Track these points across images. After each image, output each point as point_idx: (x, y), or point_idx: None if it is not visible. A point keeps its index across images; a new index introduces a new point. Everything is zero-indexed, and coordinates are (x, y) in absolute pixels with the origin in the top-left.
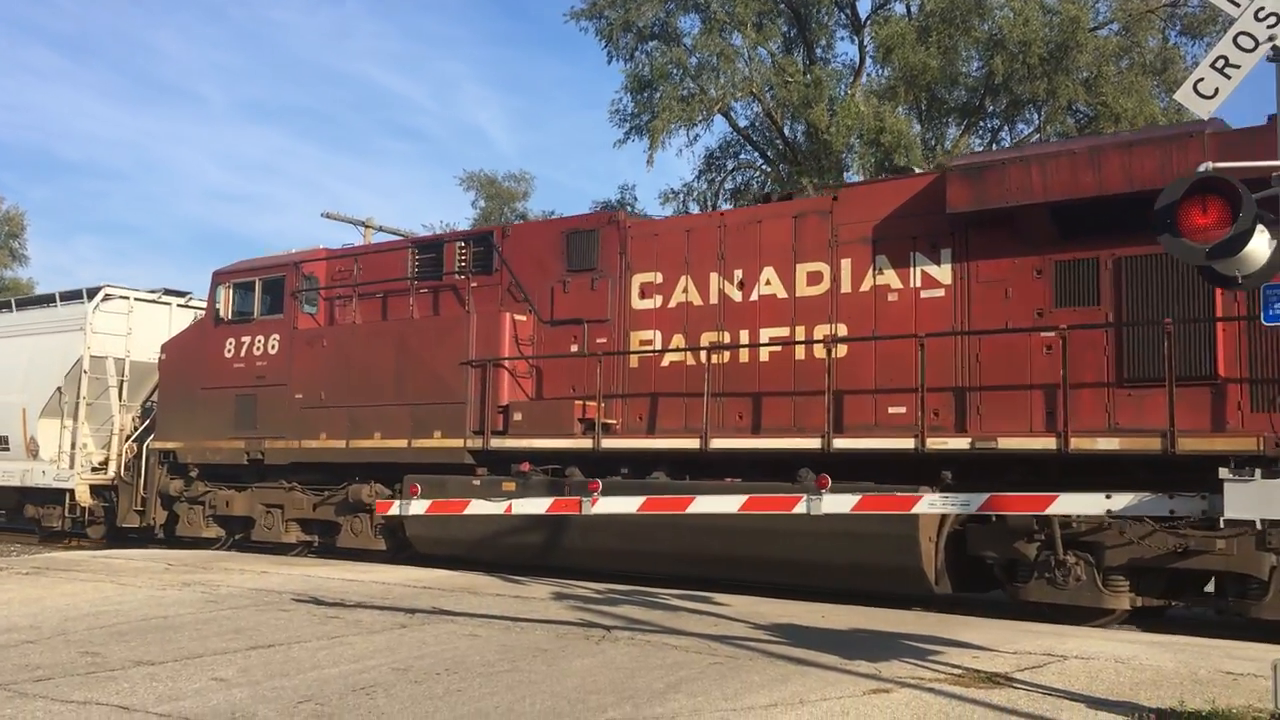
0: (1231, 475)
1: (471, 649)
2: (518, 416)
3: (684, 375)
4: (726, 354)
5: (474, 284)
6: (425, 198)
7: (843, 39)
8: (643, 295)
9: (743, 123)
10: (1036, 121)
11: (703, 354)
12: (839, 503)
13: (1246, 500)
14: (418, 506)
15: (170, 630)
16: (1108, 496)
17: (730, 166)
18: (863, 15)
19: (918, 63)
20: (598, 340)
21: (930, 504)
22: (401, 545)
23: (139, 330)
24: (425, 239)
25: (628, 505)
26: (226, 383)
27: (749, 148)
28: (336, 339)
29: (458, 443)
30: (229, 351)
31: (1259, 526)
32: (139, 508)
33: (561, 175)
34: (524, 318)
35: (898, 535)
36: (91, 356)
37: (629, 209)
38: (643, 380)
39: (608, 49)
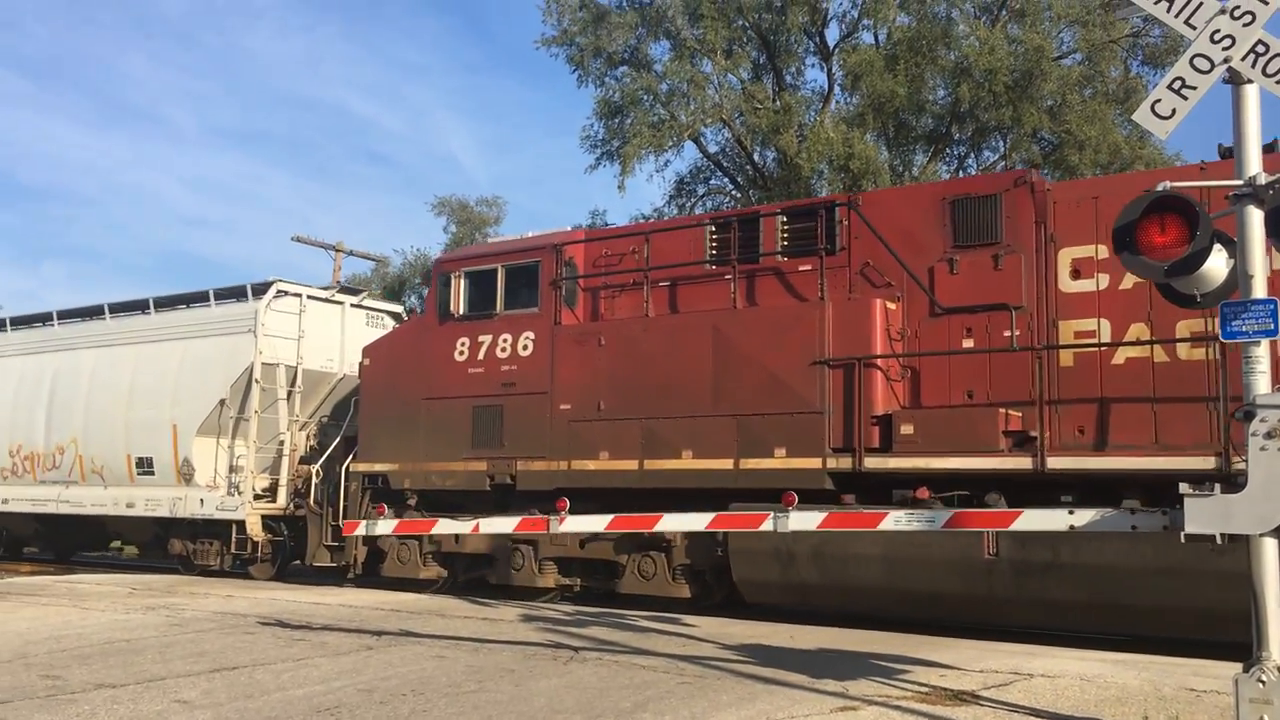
0: (1191, 490)
1: (438, 670)
2: (907, 429)
3: (1150, 375)
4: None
5: (803, 266)
6: (397, 223)
7: (812, 66)
8: (1077, 275)
9: (713, 148)
10: (1002, 149)
11: (1203, 348)
12: (805, 520)
13: (1206, 515)
14: (384, 526)
15: (133, 653)
16: (1071, 512)
17: (701, 192)
18: (831, 43)
19: (885, 90)
20: (1003, 333)
21: (895, 521)
22: (707, 590)
23: (311, 333)
24: (735, 212)
25: (594, 524)
26: (459, 391)
27: (719, 173)
28: (621, 335)
29: (813, 463)
30: (461, 354)
31: (1219, 541)
32: (331, 542)
33: (534, 201)
34: (894, 305)
35: None
36: (263, 363)
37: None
38: (1081, 382)
39: (578, 74)
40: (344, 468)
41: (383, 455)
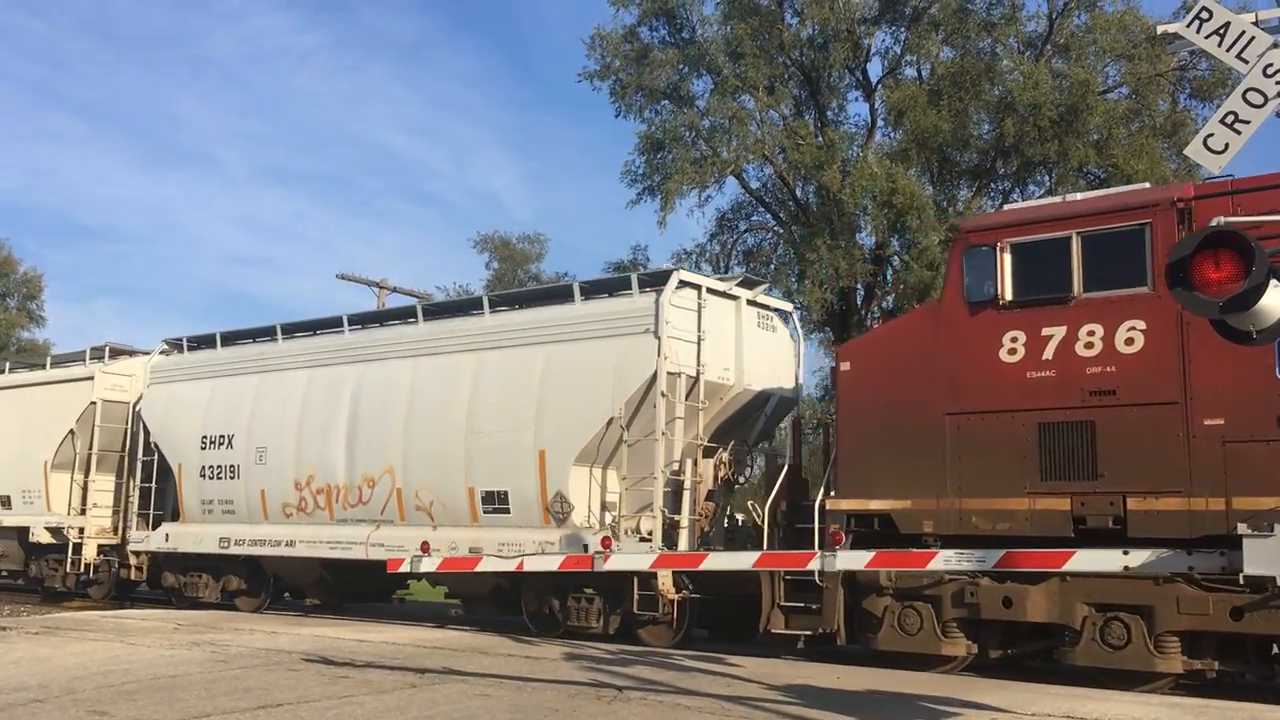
0: (1250, 531)
1: (482, 709)
2: None
3: None
4: None
5: None
6: (439, 260)
7: (854, 101)
8: None
9: (755, 184)
10: (1048, 184)
11: None
12: (852, 559)
13: (1265, 556)
14: (428, 564)
15: (178, 689)
16: (1125, 553)
17: (743, 228)
18: (874, 78)
19: (929, 125)
20: None
21: (945, 560)
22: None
23: (709, 334)
24: None
25: (640, 563)
26: (1012, 403)
27: (761, 209)
28: None
29: None
30: (1013, 352)
31: None
32: (786, 600)
33: (575, 237)
34: None
35: None
36: (668, 372)
37: (641, 268)
38: None
39: (618, 106)
40: (817, 504)
41: (881, 489)
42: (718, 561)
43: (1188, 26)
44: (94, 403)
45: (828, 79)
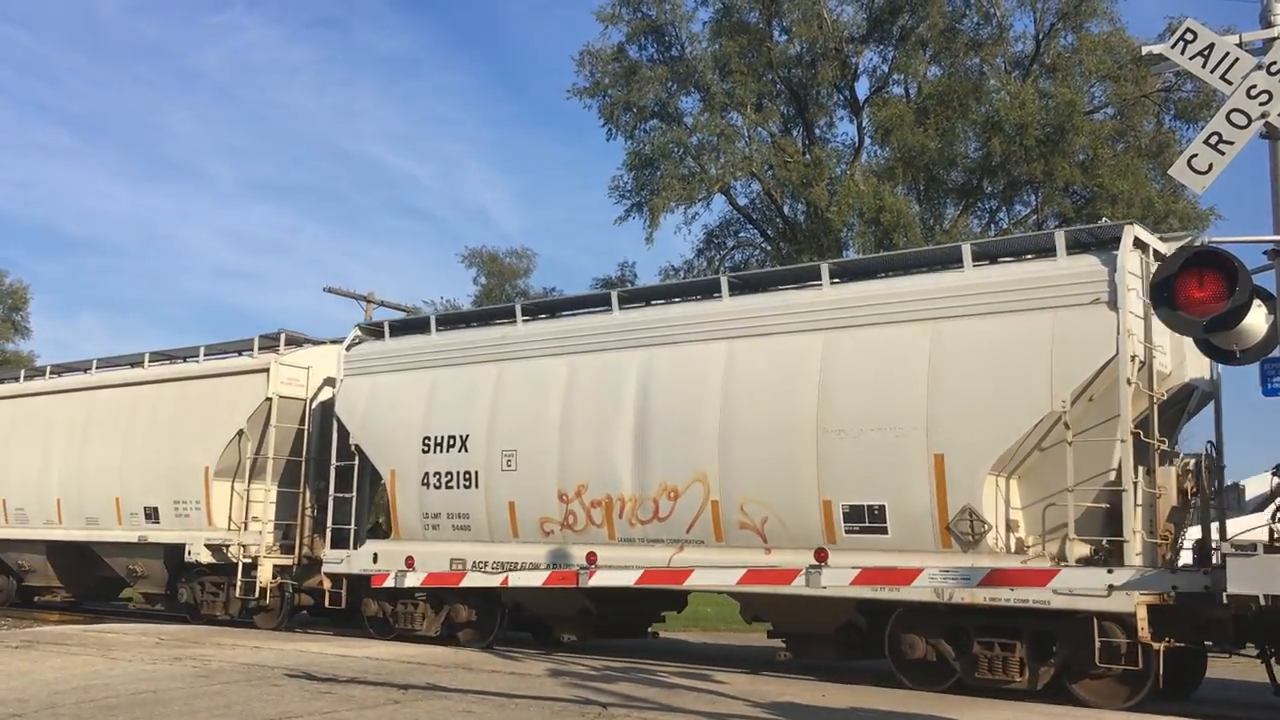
0: (1234, 551)
1: None
2: None
3: None
4: None
5: None
6: (427, 274)
7: (842, 119)
8: None
9: (742, 201)
10: (1034, 203)
11: None
12: (838, 577)
13: (1249, 576)
14: (413, 579)
15: (159, 705)
16: (1110, 571)
17: (730, 244)
18: (861, 97)
19: (916, 144)
20: None
21: (930, 578)
22: None
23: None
24: None
25: (625, 578)
26: None
27: (748, 226)
28: None
29: None
30: None
31: (1262, 602)
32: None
33: (563, 253)
34: None
35: None
36: (1130, 356)
37: (628, 284)
38: None
39: (608, 126)
40: None
41: None
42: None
43: (1173, 48)
44: (269, 399)
45: (815, 97)
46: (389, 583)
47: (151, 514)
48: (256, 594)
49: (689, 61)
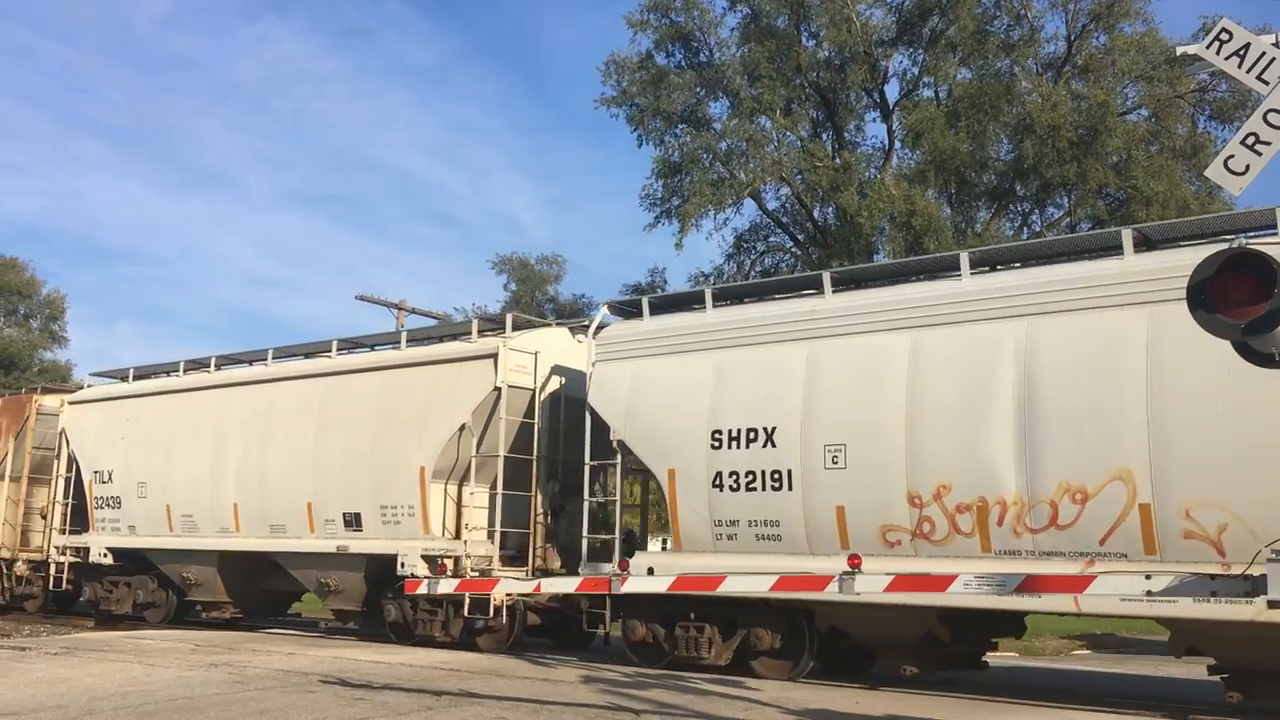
0: (1275, 556)
1: None
2: None
3: None
4: None
5: None
6: (457, 281)
7: (872, 122)
8: None
9: (772, 205)
10: (1067, 205)
11: None
12: (871, 584)
13: None
14: (446, 585)
15: (196, 711)
16: (1148, 578)
17: (760, 249)
18: (891, 100)
19: (947, 147)
20: None
21: (965, 584)
22: None
23: None
24: None
25: (656, 585)
26: None
27: (778, 230)
28: None
29: None
30: None
31: None
32: None
33: (592, 259)
34: None
35: None
36: None
37: (658, 290)
38: None
39: (638, 134)
40: None
41: None
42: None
43: (1207, 48)
44: (497, 389)
45: (845, 101)
46: (628, 587)
47: (352, 521)
48: (490, 613)
49: (717, 67)
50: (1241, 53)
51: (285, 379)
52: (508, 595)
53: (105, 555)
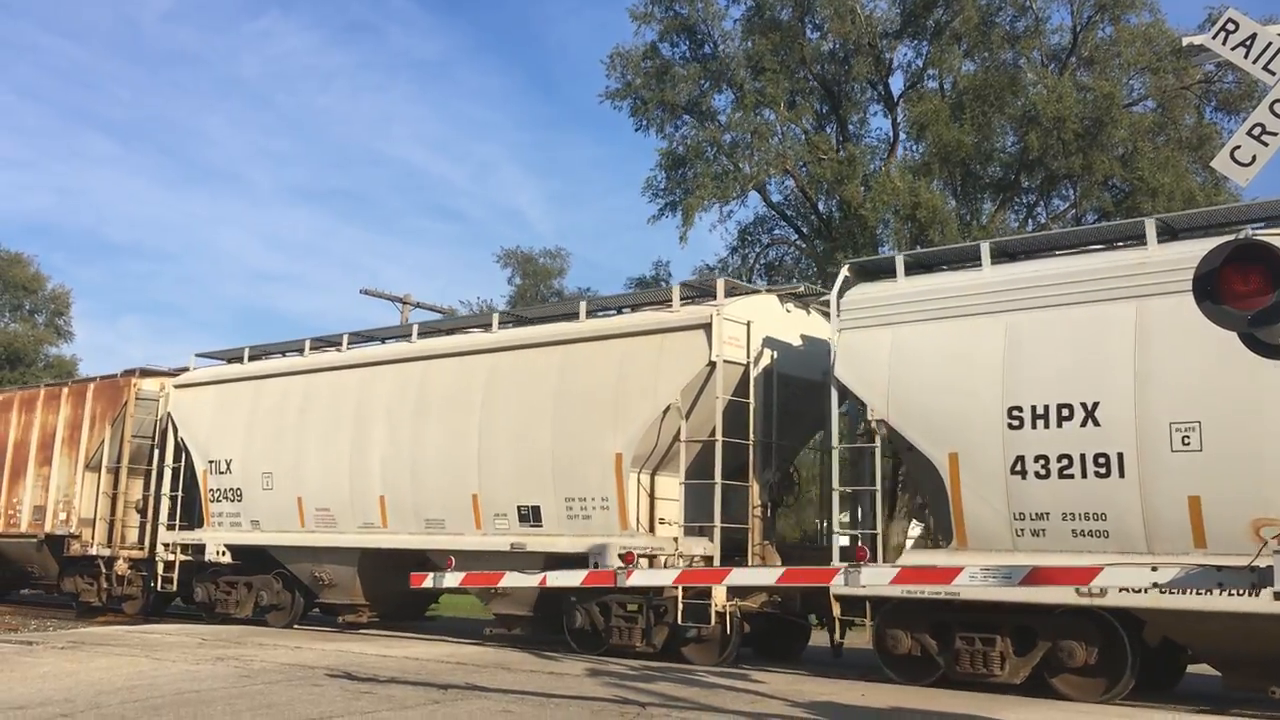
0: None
1: None
2: None
3: None
4: None
5: None
6: (462, 276)
7: (876, 115)
8: None
9: (776, 198)
10: (1072, 197)
11: None
12: (877, 575)
13: None
14: (451, 579)
15: (203, 704)
16: (1154, 569)
17: (765, 242)
18: (895, 92)
19: (952, 139)
20: None
21: (971, 576)
22: None
23: None
24: None
25: (663, 578)
26: None
27: (783, 223)
28: None
29: None
30: None
31: None
32: None
33: (597, 254)
34: None
35: None
36: None
37: (662, 284)
38: None
39: (639, 120)
40: None
41: None
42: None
43: (1213, 38)
44: (711, 364)
45: (849, 93)
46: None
47: (529, 515)
48: (712, 620)
49: (721, 59)
50: (1248, 43)
51: (440, 356)
52: (728, 601)
53: (223, 553)
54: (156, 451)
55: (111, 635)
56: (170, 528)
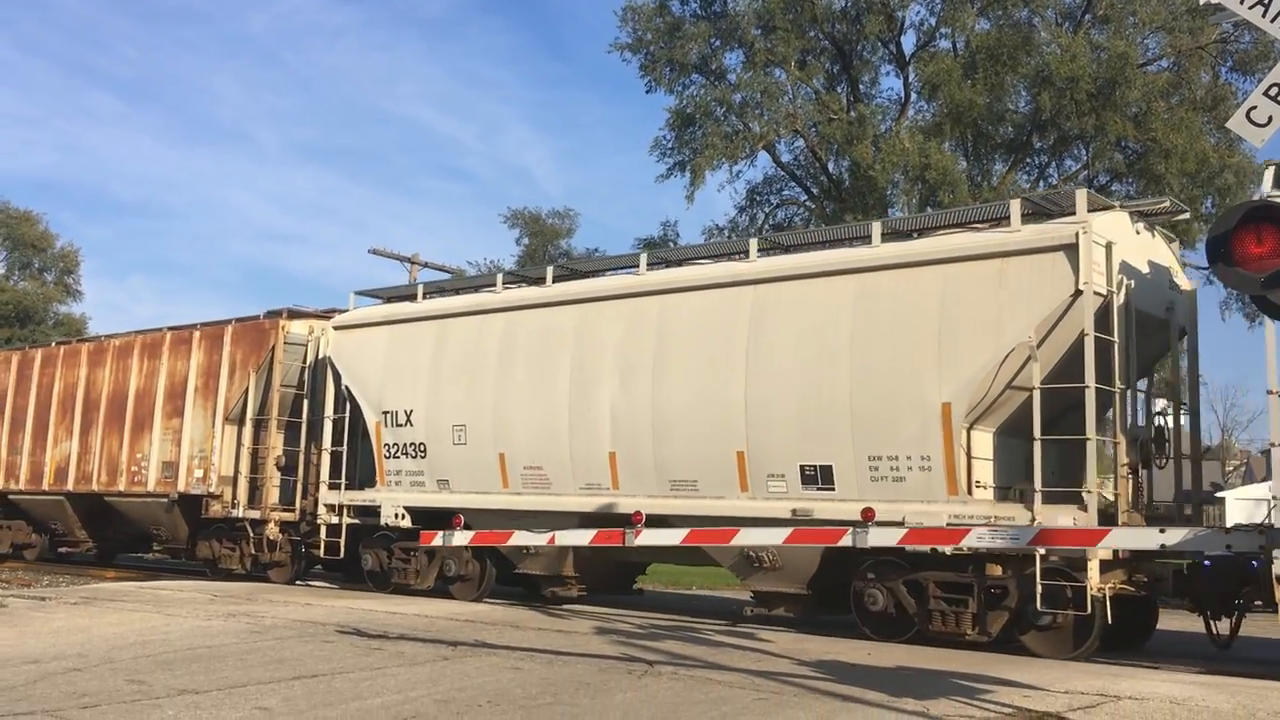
0: None
1: (514, 682)
2: None
3: None
4: None
5: None
6: (470, 235)
7: (887, 75)
8: None
9: (786, 158)
10: (1085, 158)
11: None
12: (884, 536)
13: None
14: (461, 538)
15: (214, 660)
16: (1162, 531)
17: (774, 202)
18: (907, 52)
19: (964, 99)
20: None
21: (979, 538)
22: None
23: None
24: None
25: (671, 537)
26: None
27: (792, 184)
28: None
29: None
30: None
31: None
32: None
33: (605, 214)
34: None
35: None
36: None
37: (670, 244)
38: None
39: (648, 79)
40: None
41: None
42: None
43: None
44: (1076, 293)
45: (860, 52)
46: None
47: (815, 476)
48: (1088, 604)
49: (732, 17)
50: (1265, 1)
51: (684, 289)
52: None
53: (402, 517)
54: (305, 402)
55: (123, 591)
56: (334, 487)
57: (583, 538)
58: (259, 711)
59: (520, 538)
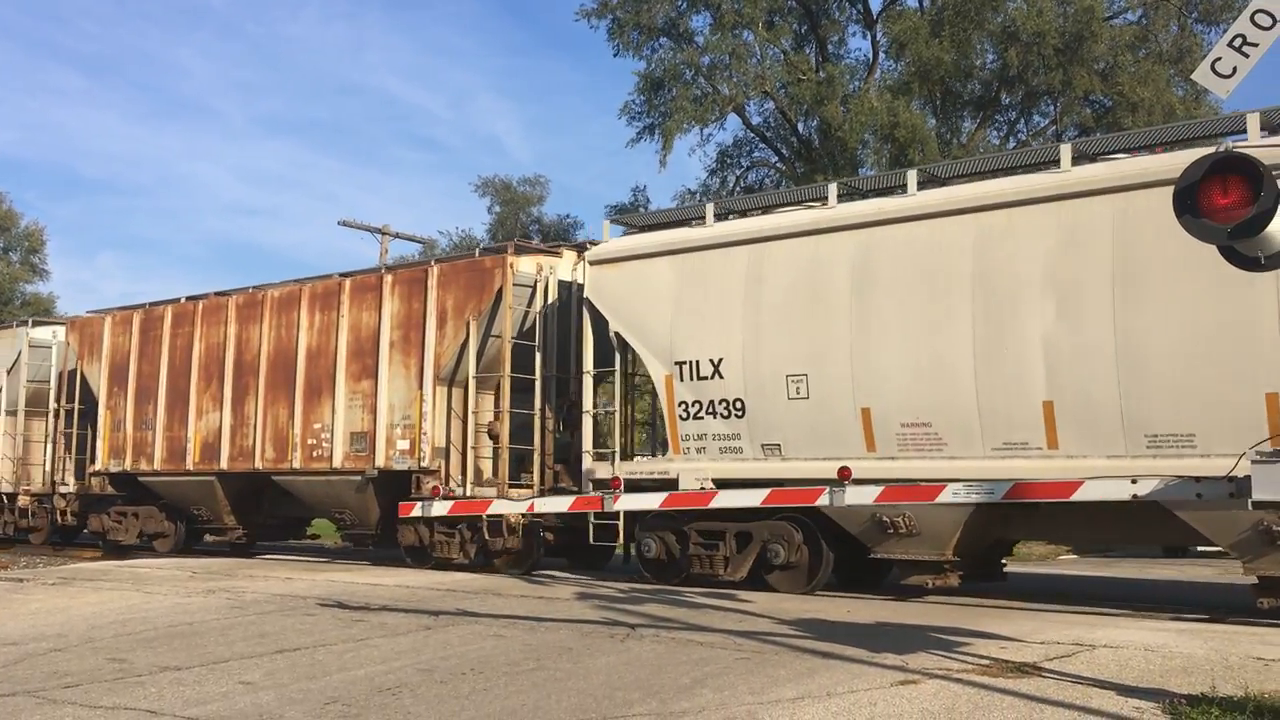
0: (1259, 456)
1: (496, 649)
2: None
3: None
4: None
5: None
6: (441, 205)
7: (855, 34)
8: None
9: (756, 120)
10: (1053, 113)
11: None
12: (861, 494)
13: (1273, 482)
14: (439, 508)
15: (196, 636)
16: (1134, 481)
17: (745, 164)
18: (875, 10)
19: (931, 57)
20: None
21: (954, 494)
22: None
23: None
24: None
25: (650, 501)
26: None
27: (762, 145)
28: None
29: None
30: None
31: None
32: None
33: (576, 180)
34: None
35: None
36: None
37: (641, 210)
38: None
39: (616, 43)
40: None
41: None
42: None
43: None
44: None
45: (828, 12)
46: None
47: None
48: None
49: None
50: None
51: (1147, 185)
52: None
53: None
54: (539, 354)
55: (101, 570)
56: (601, 457)
57: (562, 504)
58: (242, 686)
59: (499, 506)
